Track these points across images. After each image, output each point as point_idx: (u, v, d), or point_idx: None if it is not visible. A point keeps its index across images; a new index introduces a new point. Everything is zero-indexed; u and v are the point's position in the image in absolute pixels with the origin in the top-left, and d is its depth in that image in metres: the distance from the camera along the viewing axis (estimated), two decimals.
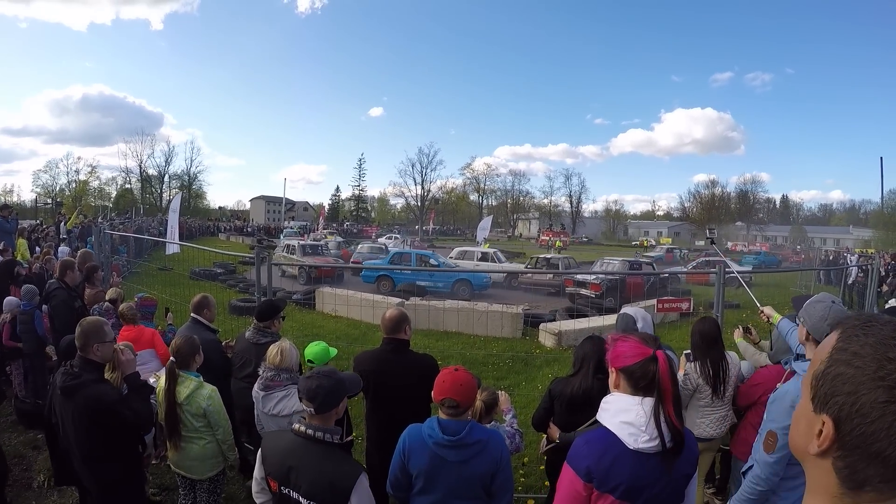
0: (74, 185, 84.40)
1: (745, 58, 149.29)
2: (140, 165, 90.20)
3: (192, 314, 5.39)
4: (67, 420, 3.69)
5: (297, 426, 2.70)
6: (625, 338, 2.36)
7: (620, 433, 2.19)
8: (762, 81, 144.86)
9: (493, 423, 3.92)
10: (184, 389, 3.99)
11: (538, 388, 8.29)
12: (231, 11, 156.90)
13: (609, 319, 10.32)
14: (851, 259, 30.65)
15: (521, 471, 5.79)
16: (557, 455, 3.84)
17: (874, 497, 0.94)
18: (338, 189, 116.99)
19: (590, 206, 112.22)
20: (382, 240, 46.00)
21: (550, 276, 21.08)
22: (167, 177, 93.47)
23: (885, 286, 16.28)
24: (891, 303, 8.82)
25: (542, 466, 5.10)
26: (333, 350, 4.55)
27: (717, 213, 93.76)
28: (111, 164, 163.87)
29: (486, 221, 36.90)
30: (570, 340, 11.67)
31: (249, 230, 59.95)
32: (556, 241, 55.25)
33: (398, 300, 13.91)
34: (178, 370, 4.06)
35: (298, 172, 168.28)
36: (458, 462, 2.79)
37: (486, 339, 12.49)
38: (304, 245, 26.92)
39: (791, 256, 50.45)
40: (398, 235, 53.41)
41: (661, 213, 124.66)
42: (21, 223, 21.59)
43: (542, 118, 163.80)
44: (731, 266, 6.69)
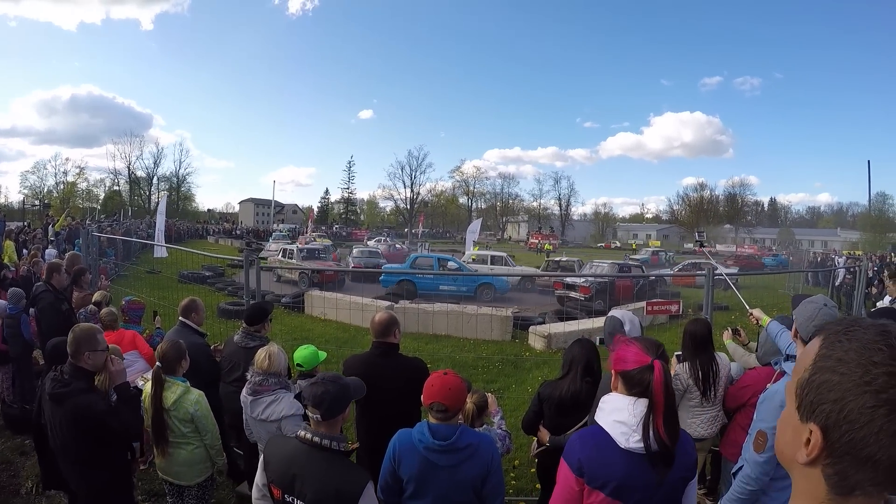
0: (62, 187, 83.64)
1: (735, 62, 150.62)
2: (128, 167, 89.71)
3: (181, 318, 5.34)
4: (56, 425, 3.64)
5: (303, 433, 2.66)
6: (629, 342, 2.37)
7: (613, 431, 2.20)
8: (751, 86, 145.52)
9: (485, 427, 3.91)
10: (170, 395, 3.95)
11: (528, 391, 8.30)
12: (221, 13, 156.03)
13: (598, 322, 10.33)
14: (839, 261, 30.93)
15: (513, 474, 5.79)
16: (548, 458, 3.85)
17: (863, 501, 0.94)
18: (327, 192, 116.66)
19: (579, 209, 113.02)
20: (371, 243, 45.87)
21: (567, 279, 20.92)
22: (156, 179, 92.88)
23: (874, 288, 16.39)
24: (879, 304, 8.87)
25: (533, 469, 5.09)
26: (323, 353, 4.54)
27: (706, 216, 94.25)
28: (99, 166, 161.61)
29: (476, 224, 36.86)
30: (560, 343, 11.70)
31: (238, 233, 59.67)
32: (545, 244, 55.35)
33: (387, 303, 13.86)
34: (165, 375, 4.01)
35: (288, 175, 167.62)
36: (449, 466, 2.77)
37: (476, 342, 12.51)
38: (304, 249, 26.37)
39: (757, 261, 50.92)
40: (388, 238, 53.29)
41: (650, 216, 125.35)
42: (8, 225, 21.50)
43: (532, 121, 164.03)
44: (720, 268, 6.70)
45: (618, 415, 2.23)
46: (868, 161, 77.53)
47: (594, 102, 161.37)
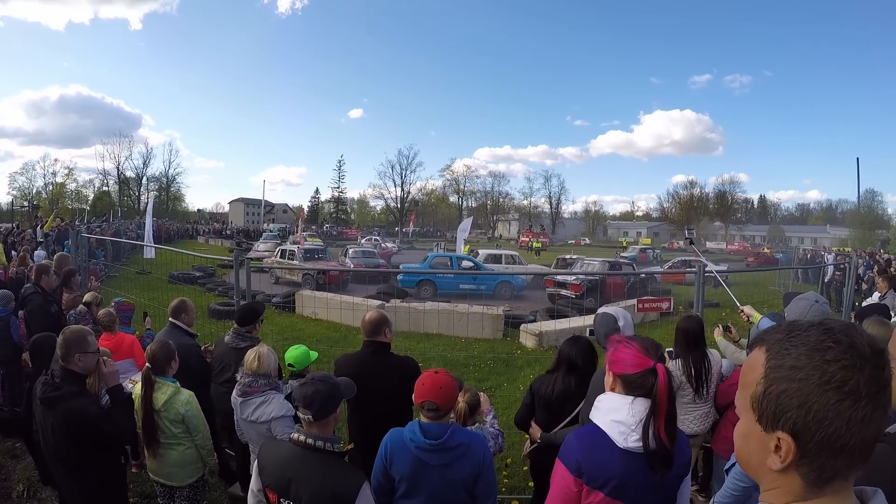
0: (51, 188, 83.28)
1: (724, 60, 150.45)
2: (118, 167, 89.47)
3: (171, 318, 5.31)
4: (48, 430, 3.60)
5: (297, 435, 2.64)
6: (627, 343, 2.34)
7: (611, 431, 2.19)
8: (741, 84, 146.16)
9: (477, 425, 3.90)
10: (161, 396, 3.93)
11: (520, 389, 8.29)
12: (210, 12, 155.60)
13: (589, 320, 10.35)
14: (828, 258, 31.07)
15: (505, 472, 5.79)
16: (542, 456, 3.85)
17: (839, 485, 0.99)
18: (317, 191, 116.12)
19: (569, 207, 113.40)
20: (363, 241, 45.76)
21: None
22: (145, 179, 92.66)
23: (864, 284, 16.50)
24: (868, 301, 8.91)
25: (526, 467, 5.10)
26: (314, 353, 4.52)
27: (696, 214, 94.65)
28: (88, 167, 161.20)
29: (466, 223, 36.71)
30: (551, 341, 11.76)
31: (228, 233, 59.48)
32: (534, 242, 55.37)
33: (378, 302, 13.83)
34: (154, 376, 3.98)
35: (278, 174, 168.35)
36: (441, 466, 2.77)
37: (468, 341, 12.48)
38: (305, 250, 25.49)
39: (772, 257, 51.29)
40: (378, 237, 53.15)
41: (641, 214, 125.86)
42: None
43: (522, 120, 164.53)
44: (710, 266, 6.72)
45: (615, 414, 2.21)
46: (857, 158, 78.81)
47: (584, 101, 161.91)
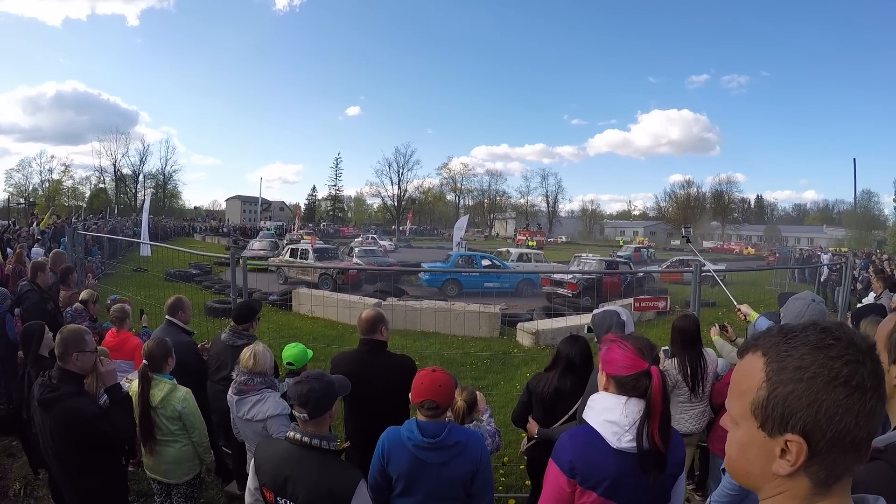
0: (48, 185, 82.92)
1: (722, 60, 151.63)
2: (114, 164, 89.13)
3: (167, 316, 5.30)
4: (46, 432, 3.57)
5: (293, 434, 2.63)
6: (621, 344, 2.33)
7: (604, 431, 2.19)
8: (738, 84, 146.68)
9: (474, 424, 3.90)
10: (158, 393, 3.92)
11: (516, 388, 8.29)
12: (207, 8, 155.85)
13: (586, 318, 10.36)
14: (824, 258, 31.15)
15: (502, 470, 5.79)
16: (538, 454, 3.85)
17: (845, 484, 1.00)
18: (314, 189, 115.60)
19: (566, 206, 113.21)
20: (359, 240, 45.70)
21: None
22: (142, 176, 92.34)
23: (859, 284, 16.53)
24: (864, 301, 8.93)
25: (523, 466, 5.10)
26: (310, 351, 4.52)
27: (693, 213, 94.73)
28: (85, 163, 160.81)
29: (463, 221, 36.75)
30: (548, 340, 11.77)
31: (225, 230, 59.38)
32: (530, 241, 55.34)
33: (375, 300, 13.81)
34: (151, 373, 3.97)
35: (274, 172, 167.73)
36: (438, 464, 2.77)
37: (464, 339, 12.50)
38: (318, 249, 24.28)
39: (767, 256, 51.46)
40: (375, 235, 53.05)
41: (637, 213, 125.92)
42: None
43: (520, 119, 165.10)
44: (707, 265, 6.72)
45: (608, 414, 2.21)
46: (854, 159, 79.06)
47: (582, 100, 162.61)
